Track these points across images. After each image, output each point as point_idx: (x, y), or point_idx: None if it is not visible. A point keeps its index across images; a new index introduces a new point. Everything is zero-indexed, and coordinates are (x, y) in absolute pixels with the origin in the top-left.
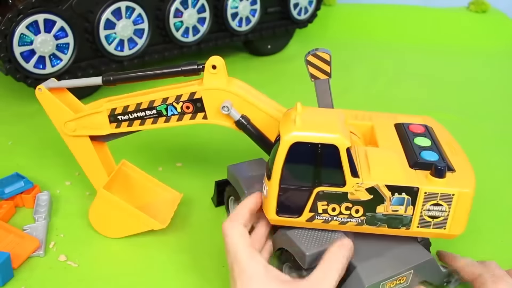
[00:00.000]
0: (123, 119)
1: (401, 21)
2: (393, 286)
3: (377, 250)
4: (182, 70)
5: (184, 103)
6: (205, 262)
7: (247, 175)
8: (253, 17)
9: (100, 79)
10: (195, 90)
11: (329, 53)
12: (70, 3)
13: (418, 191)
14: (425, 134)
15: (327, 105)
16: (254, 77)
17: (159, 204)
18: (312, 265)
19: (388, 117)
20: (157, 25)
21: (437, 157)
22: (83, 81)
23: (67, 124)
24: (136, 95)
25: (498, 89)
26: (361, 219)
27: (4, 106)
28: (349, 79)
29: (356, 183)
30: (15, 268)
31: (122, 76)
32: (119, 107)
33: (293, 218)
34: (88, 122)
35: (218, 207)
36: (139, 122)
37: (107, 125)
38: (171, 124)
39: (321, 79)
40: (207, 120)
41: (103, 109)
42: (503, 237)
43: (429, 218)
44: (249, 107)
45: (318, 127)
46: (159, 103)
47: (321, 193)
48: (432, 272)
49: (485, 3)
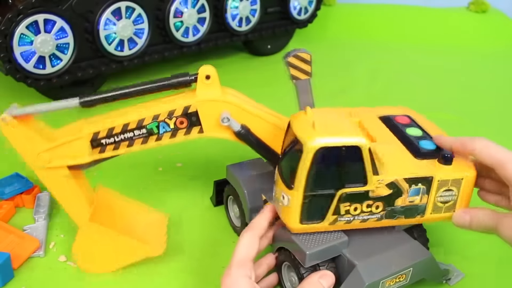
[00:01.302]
0: (108, 142)
1: (401, 21)
2: (392, 284)
3: (377, 249)
4: (173, 82)
5: (178, 118)
6: (205, 262)
7: (246, 175)
8: (253, 17)
9: (77, 101)
10: (189, 103)
11: (310, 53)
12: (70, 3)
13: (433, 180)
14: (412, 124)
15: (309, 105)
16: (254, 77)
17: (147, 228)
18: (312, 264)
19: (367, 111)
20: (157, 25)
21: (434, 145)
22: (54, 106)
23: (41, 156)
24: (122, 114)
25: (498, 89)
26: (381, 214)
27: (4, 106)
28: (349, 79)
29: (377, 180)
30: (15, 269)
31: (103, 96)
32: (103, 130)
33: (317, 223)
34: (66, 151)
35: (217, 206)
36: (126, 144)
37: (89, 151)
38: (163, 142)
39: (302, 79)
40: (203, 133)
41: (83, 134)
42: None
43: (441, 204)
44: (247, 116)
45: (336, 130)
46: (150, 121)
47: (344, 195)
48: (431, 270)
49: (485, 3)
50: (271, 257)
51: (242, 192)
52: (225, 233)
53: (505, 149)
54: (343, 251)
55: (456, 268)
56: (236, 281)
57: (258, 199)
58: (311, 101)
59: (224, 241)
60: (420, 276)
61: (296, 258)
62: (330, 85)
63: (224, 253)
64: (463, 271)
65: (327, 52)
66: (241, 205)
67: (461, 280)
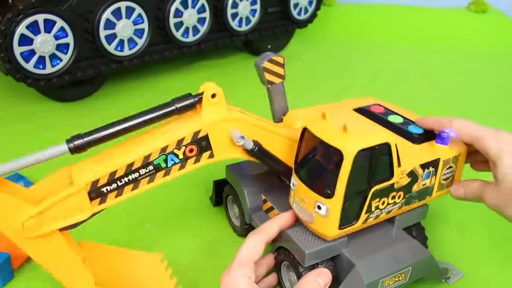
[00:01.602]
0: (110, 189)
1: (401, 21)
2: (392, 283)
3: (376, 248)
4: (178, 108)
5: (187, 147)
6: (204, 262)
7: (246, 175)
8: (253, 17)
9: (65, 148)
10: (198, 128)
11: (283, 56)
12: (70, 3)
13: (439, 161)
14: (389, 112)
15: (283, 107)
16: (254, 77)
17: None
18: (311, 264)
19: (340, 106)
20: (157, 25)
21: (420, 129)
22: (34, 158)
23: (27, 224)
24: (123, 152)
25: (498, 89)
26: (402, 202)
27: (4, 106)
28: (349, 79)
29: (401, 172)
30: (15, 269)
31: (98, 136)
32: (103, 177)
33: (352, 225)
34: (59, 211)
35: (216, 206)
36: (131, 187)
37: (87, 205)
38: (171, 176)
39: (277, 83)
40: (213, 158)
41: (79, 186)
42: (500, 232)
43: (444, 181)
44: (257, 130)
45: (362, 130)
46: (157, 155)
47: (376, 192)
48: (430, 269)
49: (485, 3)
50: (270, 257)
51: (242, 192)
52: (225, 233)
53: (481, 125)
54: (342, 251)
55: (455, 267)
56: (235, 280)
57: (257, 199)
58: (285, 104)
59: (223, 241)
60: (419, 275)
61: (295, 258)
62: (330, 85)
63: (223, 253)
64: (462, 270)
65: (327, 52)
66: (241, 205)
67: (460, 279)
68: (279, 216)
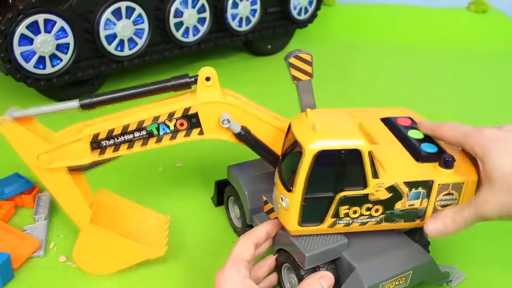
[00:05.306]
0: (108, 144)
1: (401, 21)
2: (392, 286)
3: (377, 251)
4: (173, 84)
5: (178, 120)
6: (205, 262)
7: (247, 175)
8: (253, 17)
9: (77, 103)
10: (189, 105)
11: (311, 54)
12: (70, 3)
13: (433, 184)
14: (414, 126)
15: (310, 105)
16: (254, 77)
17: (148, 231)
18: (312, 266)
19: (369, 112)
20: (157, 25)
21: (436, 148)
22: (54, 107)
23: (41, 157)
24: (122, 115)
25: (498, 89)
26: (380, 217)
27: (4, 106)
28: (349, 79)
29: (377, 184)
30: (15, 269)
31: (103, 98)
32: (102, 132)
33: (315, 226)
34: (66, 152)
35: (218, 206)
36: (126, 146)
37: (88, 153)
38: (163, 144)
39: (304, 80)
40: (203, 135)
41: (83, 135)
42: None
43: (441, 207)
44: (247, 117)
45: (337, 132)
46: (150, 123)
47: (343, 198)
48: (431, 273)
49: (485, 3)
50: (271, 258)
51: (243, 193)
52: (226, 233)
53: (466, 127)
54: (343, 254)
55: (457, 270)
56: (228, 276)
57: (258, 200)
58: (312, 102)
59: (224, 242)
60: (420, 279)
61: (295, 260)
62: (330, 85)
63: (224, 254)
64: (465, 273)
65: (327, 52)
66: (242, 206)
67: (462, 281)
68: (269, 221)
